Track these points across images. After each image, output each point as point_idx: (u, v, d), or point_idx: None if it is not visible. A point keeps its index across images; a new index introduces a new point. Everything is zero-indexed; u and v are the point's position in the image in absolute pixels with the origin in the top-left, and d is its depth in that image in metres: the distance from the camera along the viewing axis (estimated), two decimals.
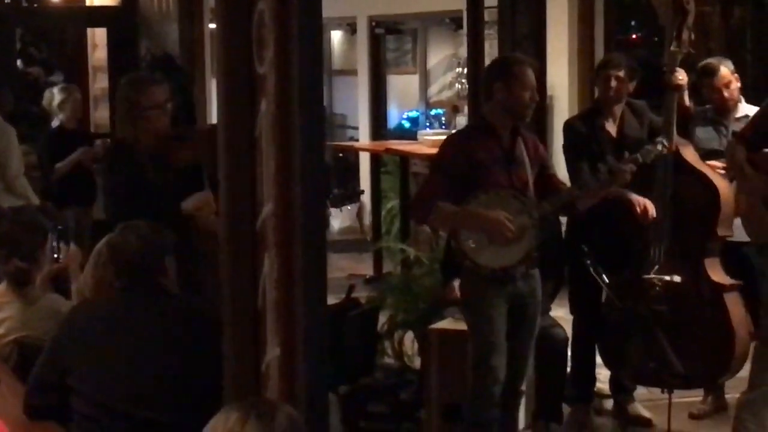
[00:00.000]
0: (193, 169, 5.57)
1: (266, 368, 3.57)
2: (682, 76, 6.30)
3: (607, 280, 6.02)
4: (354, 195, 13.00)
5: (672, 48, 6.26)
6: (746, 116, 6.39)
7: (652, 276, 6.10)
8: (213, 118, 9.16)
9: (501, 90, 5.45)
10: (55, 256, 5.28)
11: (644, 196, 6.20)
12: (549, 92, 8.50)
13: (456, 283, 6.02)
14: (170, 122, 5.62)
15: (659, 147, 5.75)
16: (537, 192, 5.53)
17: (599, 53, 10.31)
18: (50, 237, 5.26)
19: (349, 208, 12.99)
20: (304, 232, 3.56)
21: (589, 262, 5.94)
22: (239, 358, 3.63)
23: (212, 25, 10.72)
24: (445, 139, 5.83)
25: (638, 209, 6.18)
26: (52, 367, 3.99)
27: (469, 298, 5.55)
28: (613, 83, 6.38)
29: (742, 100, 6.70)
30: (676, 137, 6.24)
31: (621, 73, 6.41)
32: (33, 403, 4.00)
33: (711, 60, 6.91)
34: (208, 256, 5.50)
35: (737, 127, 6.01)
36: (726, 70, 6.66)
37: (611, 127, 6.44)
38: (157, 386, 3.85)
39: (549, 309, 6.35)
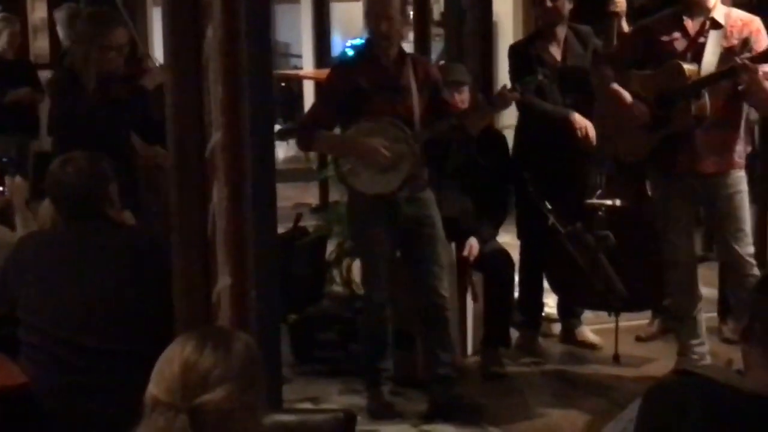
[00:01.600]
0: (135, 101, 5.62)
1: (217, 297, 3.57)
2: (620, 2, 6.34)
3: (549, 207, 6.06)
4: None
5: None
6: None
7: (595, 201, 6.14)
8: (156, 49, 9.05)
9: (366, 21, 5.67)
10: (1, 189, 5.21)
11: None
12: (494, 19, 8.47)
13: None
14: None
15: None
16: (429, 116, 5.63)
17: None
18: None
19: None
20: (253, 159, 3.55)
21: (531, 189, 5.98)
22: (189, 287, 3.62)
23: None
24: (331, 67, 6.10)
25: (580, 133, 6.22)
26: (0, 299, 3.96)
27: (353, 222, 5.84)
28: (549, 3, 6.38)
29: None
30: None
31: None
32: None
33: None
34: (157, 187, 5.50)
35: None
36: None
37: (555, 51, 6.43)
38: (106, 316, 3.82)
39: (494, 235, 6.37)
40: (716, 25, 5.57)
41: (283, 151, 12.84)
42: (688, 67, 5.51)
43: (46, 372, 3.79)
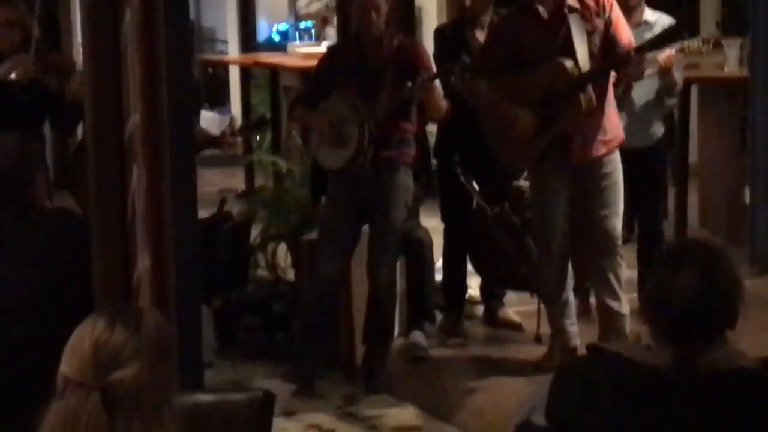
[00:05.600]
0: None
1: (137, 280, 3.57)
2: None
3: (477, 188, 6.12)
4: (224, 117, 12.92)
5: None
6: (647, 23, 6.41)
7: (521, 182, 6.20)
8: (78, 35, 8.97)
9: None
10: None
11: None
12: (418, 4, 8.50)
13: None
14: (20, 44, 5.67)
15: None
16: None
17: None
18: None
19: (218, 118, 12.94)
20: (171, 141, 3.55)
21: (459, 170, 6.03)
22: (109, 270, 3.61)
23: None
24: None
25: None
26: None
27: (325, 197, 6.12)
28: None
29: (644, 5, 6.56)
30: None
31: None
32: None
33: None
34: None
35: (638, 35, 6.02)
36: None
37: (481, 36, 6.47)
38: (26, 302, 3.79)
39: (416, 215, 6.42)
40: (571, 9, 5.56)
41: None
42: (568, 63, 5.51)
43: None
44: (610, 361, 2.61)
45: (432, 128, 6.74)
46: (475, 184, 6.15)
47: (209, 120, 13.46)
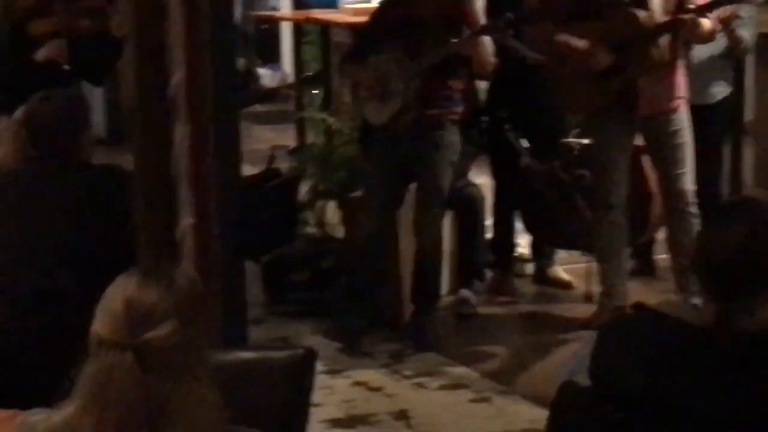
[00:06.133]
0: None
1: (181, 236, 3.57)
2: None
3: (525, 146, 6.07)
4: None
5: None
6: None
7: (571, 140, 6.14)
8: None
9: None
10: None
11: None
12: None
13: None
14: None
15: (509, 16, 5.77)
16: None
17: None
18: None
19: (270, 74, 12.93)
20: (215, 100, 3.54)
21: (507, 127, 5.98)
22: (153, 227, 3.62)
23: None
24: None
25: None
26: None
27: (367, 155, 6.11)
28: None
29: None
30: None
31: None
32: None
33: None
34: None
35: None
36: None
37: None
38: (70, 254, 3.82)
39: (466, 172, 6.39)
40: None
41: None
42: (641, 14, 5.46)
43: (6, 312, 3.78)
44: (653, 320, 2.57)
45: (483, 84, 6.69)
46: (523, 142, 6.09)
47: (263, 75, 13.45)
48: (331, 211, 6.93)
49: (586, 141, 6.09)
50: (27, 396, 2.60)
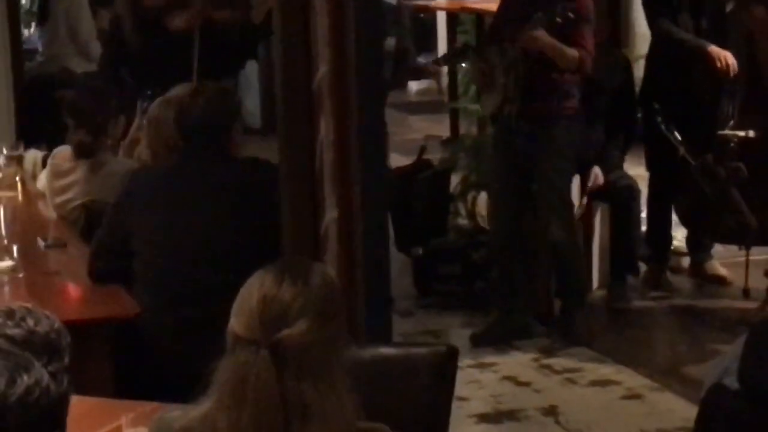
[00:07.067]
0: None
1: (325, 230, 3.57)
2: None
3: (679, 138, 5.94)
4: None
5: None
6: None
7: (727, 132, 5.98)
8: None
9: None
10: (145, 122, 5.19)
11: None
12: None
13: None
14: None
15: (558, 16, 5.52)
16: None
17: None
18: (139, 103, 5.28)
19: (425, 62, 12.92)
20: (360, 92, 3.53)
21: (660, 119, 5.86)
22: (297, 220, 3.64)
23: None
24: None
25: (719, 63, 6.03)
26: (114, 232, 4.01)
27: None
28: None
29: None
30: None
31: None
32: (97, 267, 4.03)
33: None
34: None
35: None
36: None
37: None
38: (218, 249, 3.87)
39: (620, 163, 6.28)
40: None
41: (416, 83, 12.78)
42: None
43: (160, 304, 3.85)
44: None
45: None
46: (677, 134, 5.95)
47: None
48: (483, 203, 6.87)
49: (741, 133, 5.92)
50: (174, 388, 2.62)
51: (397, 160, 7.37)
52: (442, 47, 12.68)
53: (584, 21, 5.57)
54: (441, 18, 12.50)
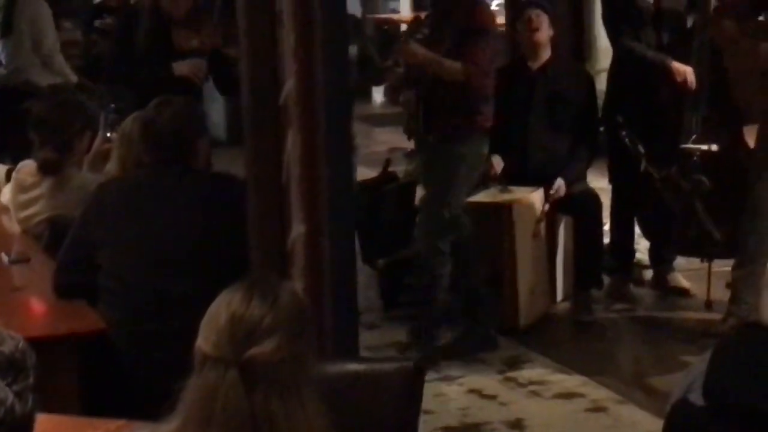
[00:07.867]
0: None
1: (292, 245, 3.57)
2: None
3: (643, 151, 5.97)
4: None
5: None
6: None
7: (690, 145, 6.02)
8: None
9: None
10: (108, 135, 5.17)
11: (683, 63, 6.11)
12: None
13: (495, 159, 6.12)
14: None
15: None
16: None
17: None
18: (103, 116, 5.25)
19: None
20: (327, 107, 3.53)
21: (624, 132, 5.89)
22: (264, 234, 3.63)
23: None
24: None
25: (679, 78, 6.08)
26: (80, 245, 3.98)
27: None
28: None
29: None
30: None
31: None
32: (62, 282, 4.00)
33: None
34: None
35: None
36: None
37: None
38: (182, 263, 3.85)
39: (584, 176, 6.30)
40: None
41: (380, 95, 12.79)
42: None
43: (124, 318, 3.82)
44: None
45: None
46: (640, 147, 5.99)
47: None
48: None
49: (704, 147, 5.97)
50: (141, 404, 2.61)
51: (363, 172, 7.35)
52: None
53: (479, 33, 5.60)
54: (404, 29, 12.56)
